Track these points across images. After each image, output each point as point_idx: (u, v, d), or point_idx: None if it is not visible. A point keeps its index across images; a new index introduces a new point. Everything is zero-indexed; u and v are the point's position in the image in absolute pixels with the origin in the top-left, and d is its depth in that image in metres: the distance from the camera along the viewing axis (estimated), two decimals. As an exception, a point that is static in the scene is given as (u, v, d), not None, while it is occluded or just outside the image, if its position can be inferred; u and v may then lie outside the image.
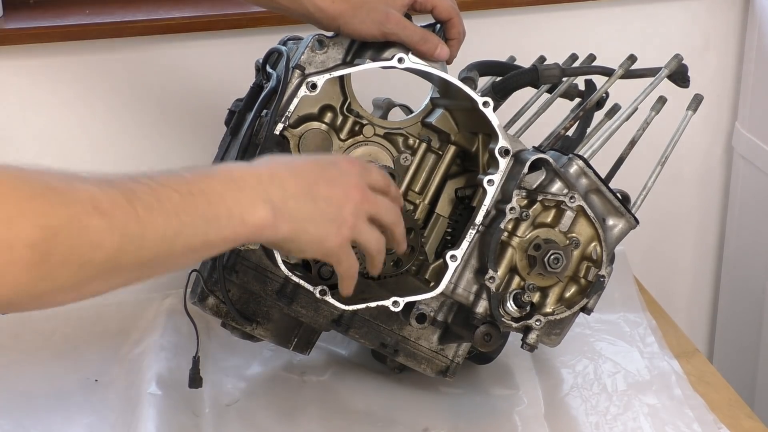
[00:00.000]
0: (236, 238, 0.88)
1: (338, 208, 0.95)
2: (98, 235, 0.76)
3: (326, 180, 0.95)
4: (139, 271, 0.82)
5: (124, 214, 0.78)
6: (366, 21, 1.16)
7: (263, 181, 0.90)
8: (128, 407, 1.26)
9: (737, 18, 1.84)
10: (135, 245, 0.78)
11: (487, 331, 1.17)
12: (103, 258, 0.76)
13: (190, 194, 0.84)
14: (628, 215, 1.20)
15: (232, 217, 0.87)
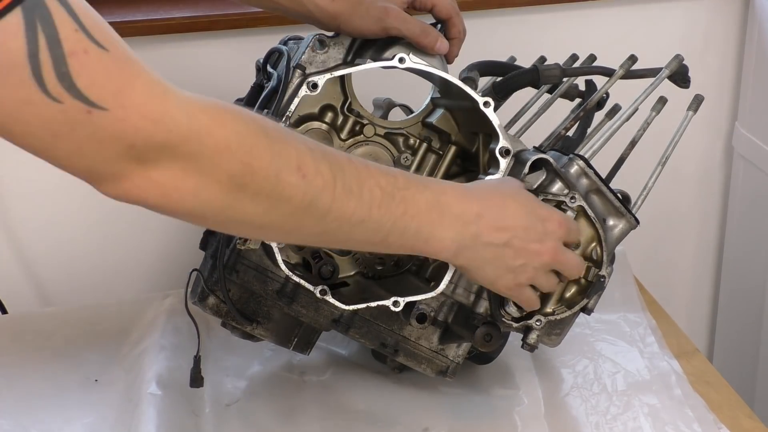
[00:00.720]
0: (413, 251, 0.94)
1: (524, 262, 1.02)
2: (291, 190, 0.83)
3: (526, 236, 1.01)
4: (315, 236, 0.89)
5: (322, 184, 0.85)
6: (365, 18, 1.16)
7: (466, 218, 0.95)
8: (128, 407, 1.26)
9: (737, 18, 1.84)
10: (319, 213, 0.85)
11: (487, 331, 1.17)
12: (288, 211, 0.83)
13: (391, 197, 0.90)
14: (628, 215, 1.20)
15: (418, 234, 0.92)
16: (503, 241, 0.98)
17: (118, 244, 1.66)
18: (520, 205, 1.02)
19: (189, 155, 0.78)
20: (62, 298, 1.68)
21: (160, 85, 0.77)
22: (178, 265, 1.22)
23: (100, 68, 0.73)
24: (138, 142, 0.76)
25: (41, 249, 1.64)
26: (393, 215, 0.90)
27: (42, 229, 1.63)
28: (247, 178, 0.81)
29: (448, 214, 0.93)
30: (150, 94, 0.76)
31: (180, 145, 0.78)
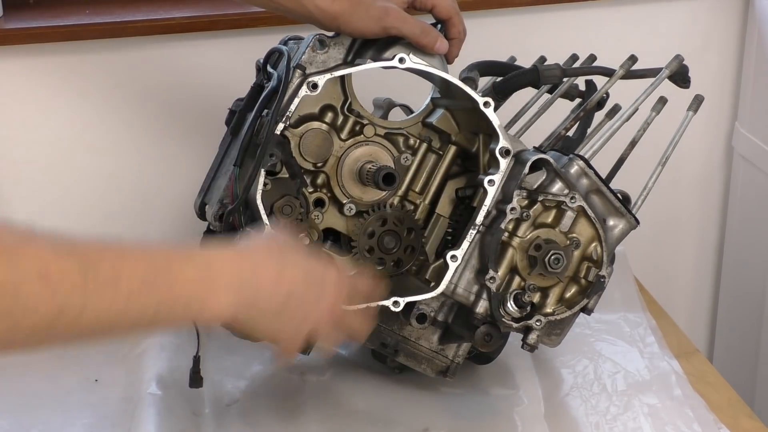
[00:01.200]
0: (185, 322, 0.91)
1: (303, 320, 0.98)
2: (34, 301, 0.75)
3: (305, 297, 0.97)
4: (73, 338, 0.82)
5: (71, 286, 0.78)
6: (365, 18, 1.16)
7: (241, 278, 0.91)
8: (128, 407, 1.26)
9: (737, 18, 1.84)
10: (72, 316, 0.78)
11: (487, 331, 1.17)
12: (36, 322, 0.76)
13: (152, 281, 0.84)
14: (628, 215, 1.20)
15: (189, 308, 0.88)
16: (278, 304, 0.95)
17: (118, 244, 1.66)
18: (298, 263, 0.99)
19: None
20: (62, 298, 1.68)
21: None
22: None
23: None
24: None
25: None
26: (156, 299, 0.85)
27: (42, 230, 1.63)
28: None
29: (220, 280, 0.89)
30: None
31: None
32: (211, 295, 0.88)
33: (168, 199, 1.65)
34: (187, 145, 1.64)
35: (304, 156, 1.20)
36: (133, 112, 1.62)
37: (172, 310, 0.86)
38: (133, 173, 1.65)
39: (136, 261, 0.84)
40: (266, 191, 1.14)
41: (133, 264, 0.84)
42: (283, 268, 0.96)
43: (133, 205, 1.65)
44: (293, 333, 0.98)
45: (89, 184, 1.63)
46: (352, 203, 1.22)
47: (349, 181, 1.22)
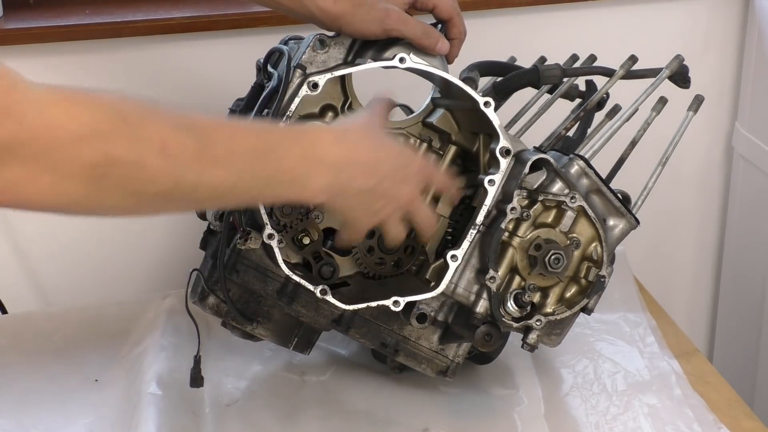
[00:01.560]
0: (288, 199, 0.98)
1: (384, 205, 1.04)
2: (155, 172, 0.82)
3: (393, 178, 1.02)
4: (188, 205, 0.92)
5: (188, 160, 0.84)
6: (366, 19, 1.16)
7: (340, 163, 0.97)
8: (128, 407, 1.26)
9: (737, 18, 1.84)
10: (189, 188, 0.85)
11: (487, 331, 1.17)
12: (155, 191, 0.83)
13: (264, 156, 0.91)
14: (628, 215, 1.20)
15: (292, 185, 0.93)
16: (371, 185, 1.00)
17: (118, 244, 1.66)
18: (391, 148, 1.05)
19: (41, 150, 0.76)
20: (62, 298, 1.68)
21: (7, 78, 0.75)
22: (178, 265, 1.22)
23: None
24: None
25: (41, 249, 1.64)
26: (265, 174, 0.91)
27: (42, 230, 1.63)
28: (107, 167, 0.79)
29: (322, 163, 0.95)
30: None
31: (31, 141, 0.75)
32: (314, 175, 0.94)
33: (168, 199, 1.65)
34: (187, 145, 1.64)
35: (305, 156, 1.20)
36: (133, 112, 1.62)
37: (276, 187, 0.93)
38: (133, 173, 1.64)
39: (250, 137, 0.90)
40: (266, 191, 1.14)
41: (247, 140, 0.90)
42: (377, 152, 1.02)
43: (133, 205, 1.65)
44: (371, 215, 1.04)
45: (89, 184, 1.63)
46: (353, 203, 1.22)
47: (349, 180, 1.22)
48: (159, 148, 0.82)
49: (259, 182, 0.91)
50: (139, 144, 0.81)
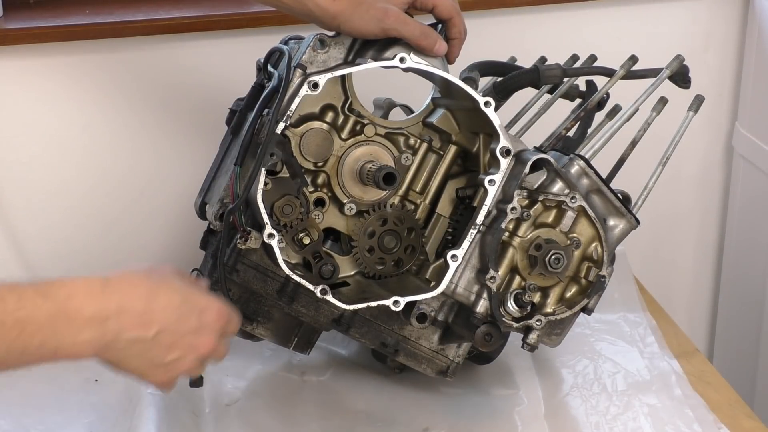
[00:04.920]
0: (39, 363, 0.87)
1: (176, 357, 0.93)
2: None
3: (179, 329, 0.92)
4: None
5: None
6: (365, 18, 1.16)
7: (103, 316, 0.87)
8: (128, 407, 1.26)
9: (737, 18, 1.84)
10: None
11: (487, 331, 1.17)
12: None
13: (1, 324, 0.82)
14: (628, 215, 1.20)
15: (43, 348, 0.85)
16: (150, 335, 0.90)
17: (118, 244, 1.66)
18: (174, 294, 0.93)
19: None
20: (62, 298, 1.68)
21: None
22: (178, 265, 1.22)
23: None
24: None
25: (41, 249, 1.63)
26: (5, 342, 0.83)
27: (42, 230, 1.63)
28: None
29: (78, 318, 0.85)
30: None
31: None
32: (66, 336, 0.85)
33: (168, 199, 1.65)
34: (187, 144, 1.64)
35: (305, 155, 1.20)
36: (133, 112, 1.62)
37: (24, 352, 0.84)
38: (133, 173, 1.65)
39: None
40: (267, 191, 1.14)
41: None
42: (153, 301, 0.91)
43: (134, 205, 1.65)
44: (162, 369, 0.94)
45: (89, 184, 1.63)
46: (353, 203, 1.22)
47: (349, 180, 1.22)
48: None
49: (0, 350, 0.83)
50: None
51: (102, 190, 1.64)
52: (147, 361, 0.92)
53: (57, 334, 0.85)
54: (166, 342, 0.92)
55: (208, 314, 0.95)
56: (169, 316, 0.91)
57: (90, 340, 0.86)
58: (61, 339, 0.85)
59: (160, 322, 0.91)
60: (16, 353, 0.84)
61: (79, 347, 0.86)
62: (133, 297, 0.89)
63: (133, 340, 0.89)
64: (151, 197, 1.66)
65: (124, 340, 0.89)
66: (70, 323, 0.85)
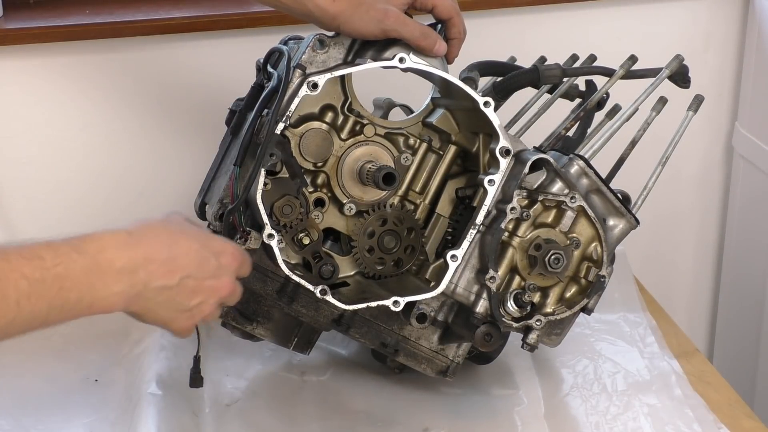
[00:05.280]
0: (75, 318, 0.88)
1: (199, 302, 0.97)
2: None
3: (200, 274, 0.96)
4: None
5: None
6: (365, 19, 1.16)
7: (132, 267, 0.90)
8: (128, 407, 1.26)
9: (737, 18, 1.84)
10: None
11: (487, 331, 1.17)
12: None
13: (42, 281, 0.84)
14: (628, 215, 1.20)
15: (80, 303, 0.87)
16: (175, 282, 0.93)
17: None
18: (192, 240, 0.96)
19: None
20: (62, 298, 1.68)
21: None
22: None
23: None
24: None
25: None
26: (47, 299, 0.84)
27: (42, 230, 1.63)
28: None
29: (110, 271, 0.88)
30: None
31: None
32: (101, 289, 0.88)
33: (168, 199, 1.65)
34: (187, 144, 1.64)
35: (305, 156, 1.20)
36: (133, 111, 1.62)
37: (63, 308, 0.86)
38: (133, 173, 1.65)
39: (23, 264, 0.83)
40: (266, 191, 1.14)
41: (20, 269, 0.83)
42: (174, 248, 0.94)
43: (134, 205, 1.65)
44: (187, 314, 0.97)
45: (89, 184, 1.63)
46: (353, 203, 1.22)
47: (349, 180, 1.22)
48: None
49: (43, 309, 0.84)
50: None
51: (101, 190, 1.64)
52: (173, 307, 0.95)
53: (92, 287, 0.87)
54: (190, 287, 0.95)
55: (224, 257, 0.99)
56: (190, 262, 0.95)
57: (122, 292, 0.89)
58: (96, 292, 0.88)
59: (184, 268, 0.94)
60: (57, 309, 0.86)
61: (112, 299, 0.89)
62: (157, 246, 0.93)
63: (160, 288, 0.92)
64: (151, 197, 1.66)
65: (151, 289, 0.91)
66: (103, 276, 0.88)
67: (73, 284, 0.86)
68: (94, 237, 0.90)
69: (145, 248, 0.91)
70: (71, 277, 0.86)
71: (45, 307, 0.84)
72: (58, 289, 0.85)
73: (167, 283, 0.93)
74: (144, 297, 0.92)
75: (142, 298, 0.91)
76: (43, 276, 0.84)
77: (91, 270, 0.87)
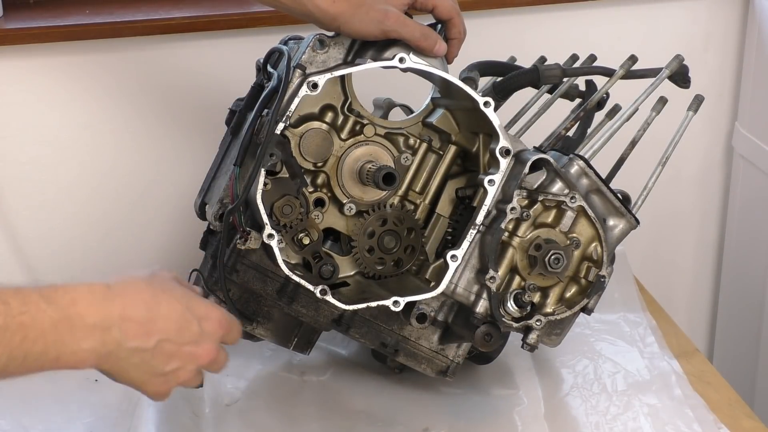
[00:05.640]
0: (39, 371, 0.85)
1: (175, 367, 0.92)
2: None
3: (179, 338, 0.92)
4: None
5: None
6: (365, 20, 1.16)
7: (106, 324, 0.86)
8: (128, 407, 1.26)
9: (737, 18, 1.84)
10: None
11: (487, 331, 1.17)
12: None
13: (4, 329, 0.80)
14: (628, 215, 1.20)
15: (45, 355, 0.83)
16: (152, 344, 0.89)
17: (117, 244, 1.66)
18: (175, 302, 0.92)
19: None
20: (62, 298, 1.68)
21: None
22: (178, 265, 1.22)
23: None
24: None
25: (42, 249, 1.64)
26: (8, 347, 0.81)
27: (42, 230, 1.63)
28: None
29: (81, 325, 0.84)
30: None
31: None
32: (68, 344, 0.84)
33: (168, 199, 1.65)
34: (187, 144, 1.64)
35: (305, 156, 1.20)
36: (133, 112, 1.62)
37: (25, 359, 0.82)
38: (133, 173, 1.65)
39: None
40: (266, 191, 1.14)
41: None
42: (154, 309, 0.90)
43: (134, 205, 1.65)
44: (162, 378, 0.93)
45: (89, 184, 1.63)
46: (353, 203, 1.22)
47: (349, 180, 1.22)
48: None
49: (2, 357, 0.81)
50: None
51: (101, 190, 1.64)
52: (146, 370, 0.91)
53: (59, 341, 0.84)
54: (167, 351, 0.91)
55: (208, 323, 0.95)
56: (170, 326, 0.91)
57: (92, 349, 0.86)
58: (63, 347, 0.84)
59: (162, 332, 0.90)
60: (18, 360, 0.82)
61: (80, 356, 0.85)
62: (136, 305, 0.89)
63: (134, 350, 0.89)
64: (151, 197, 1.66)
65: (125, 349, 0.88)
66: (73, 330, 0.84)
67: (38, 335, 0.82)
68: (68, 288, 0.86)
69: (122, 305, 0.88)
70: (37, 328, 0.82)
71: (4, 355, 0.81)
72: (21, 339, 0.81)
73: (142, 345, 0.89)
74: (116, 356, 0.88)
75: (114, 357, 0.88)
76: (6, 323, 0.81)
77: (60, 323, 0.84)
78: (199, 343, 0.94)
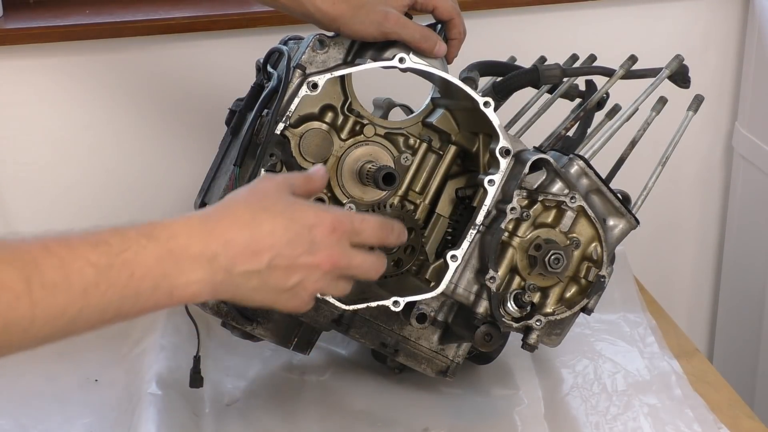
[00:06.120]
0: (158, 308, 0.83)
1: (300, 279, 0.88)
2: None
3: (291, 251, 0.87)
4: (31, 343, 0.76)
5: (12, 296, 0.73)
6: (365, 22, 1.16)
7: (210, 252, 0.83)
8: (128, 407, 1.26)
9: (737, 18, 1.84)
10: (21, 327, 0.74)
11: (487, 331, 1.17)
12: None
13: (109, 267, 0.78)
14: (628, 215, 1.20)
15: (157, 291, 0.81)
16: (264, 264, 0.85)
17: (118, 244, 1.66)
18: (278, 216, 0.87)
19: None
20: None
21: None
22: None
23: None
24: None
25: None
26: (117, 287, 0.78)
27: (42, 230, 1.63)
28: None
29: (185, 257, 0.81)
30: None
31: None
32: (178, 276, 0.81)
33: (168, 199, 1.65)
34: (187, 144, 1.64)
35: (304, 156, 1.20)
36: (133, 112, 1.62)
37: (138, 297, 0.80)
38: (133, 173, 1.65)
39: (88, 251, 0.77)
40: (266, 191, 1.14)
41: (85, 255, 0.77)
42: (257, 226, 0.86)
43: (134, 205, 1.65)
44: (290, 293, 0.89)
45: (89, 184, 1.64)
46: (352, 203, 1.22)
47: (349, 180, 1.22)
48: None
49: (113, 298, 0.77)
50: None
51: (101, 189, 1.64)
52: (270, 290, 0.88)
53: (168, 275, 0.81)
54: (282, 267, 0.87)
55: (318, 230, 0.89)
56: (277, 241, 0.86)
57: (202, 280, 0.82)
58: (173, 280, 0.81)
59: (270, 249, 0.86)
60: (131, 299, 0.79)
61: (193, 288, 0.82)
62: (237, 228, 0.85)
63: (246, 273, 0.85)
64: (151, 197, 1.66)
65: (237, 274, 0.84)
66: (178, 263, 0.81)
67: (145, 272, 0.79)
68: (165, 223, 0.83)
69: (222, 232, 0.84)
70: (141, 264, 0.79)
71: (116, 296, 0.78)
72: (128, 276, 0.78)
73: (253, 267, 0.85)
74: (231, 284, 0.85)
75: (229, 285, 0.85)
76: (110, 263, 0.77)
77: (164, 257, 0.81)
78: (314, 252, 0.88)
